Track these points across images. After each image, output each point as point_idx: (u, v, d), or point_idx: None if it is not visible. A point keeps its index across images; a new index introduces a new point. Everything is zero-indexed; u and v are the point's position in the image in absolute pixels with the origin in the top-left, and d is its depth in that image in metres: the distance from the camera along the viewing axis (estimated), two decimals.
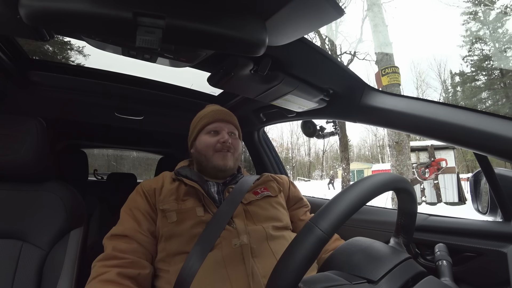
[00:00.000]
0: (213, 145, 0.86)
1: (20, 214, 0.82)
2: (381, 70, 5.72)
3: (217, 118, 0.90)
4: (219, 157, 0.86)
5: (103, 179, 2.64)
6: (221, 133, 0.88)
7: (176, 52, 0.64)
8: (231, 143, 0.87)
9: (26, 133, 0.82)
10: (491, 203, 0.78)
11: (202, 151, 0.88)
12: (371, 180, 0.46)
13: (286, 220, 0.85)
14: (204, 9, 0.45)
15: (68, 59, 4.16)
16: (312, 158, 43.20)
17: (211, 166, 0.86)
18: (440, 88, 26.26)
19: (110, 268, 0.64)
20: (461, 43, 19.84)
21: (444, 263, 0.55)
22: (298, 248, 0.39)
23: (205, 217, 0.75)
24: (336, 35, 14.00)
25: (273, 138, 41.17)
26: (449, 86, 24.04)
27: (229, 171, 0.89)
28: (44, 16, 0.40)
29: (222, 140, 0.86)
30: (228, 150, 0.87)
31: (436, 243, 0.63)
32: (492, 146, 0.61)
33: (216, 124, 0.90)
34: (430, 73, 35.39)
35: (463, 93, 20.18)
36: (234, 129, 0.93)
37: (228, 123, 0.92)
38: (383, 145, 37.61)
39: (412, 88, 33.31)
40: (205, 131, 0.90)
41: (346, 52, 13.11)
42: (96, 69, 1.10)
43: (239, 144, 0.92)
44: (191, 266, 0.65)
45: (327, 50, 12.17)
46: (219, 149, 0.86)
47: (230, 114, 0.94)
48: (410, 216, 0.56)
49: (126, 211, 0.78)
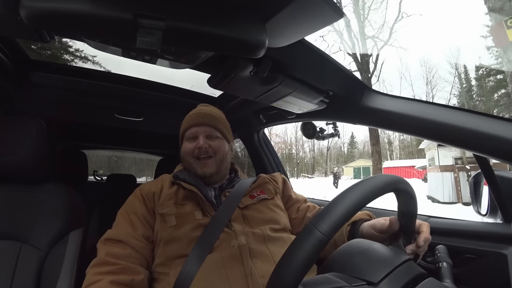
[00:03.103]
0: (191, 151, 0.85)
1: (19, 215, 0.82)
2: (506, 21, 4.13)
3: (193, 122, 0.88)
4: (198, 165, 0.85)
5: (103, 180, 2.64)
6: (198, 138, 0.86)
7: (176, 54, 0.64)
8: (210, 146, 0.85)
9: (26, 134, 0.82)
10: (491, 205, 0.78)
11: (184, 158, 0.88)
12: (371, 181, 0.46)
13: (284, 222, 0.85)
14: (204, 11, 0.46)
15: (69, 61, 4.18)
16: (315, 155, 43.17)
17: (194, 172, 0.86)
18: (454, 82, 25.54)
19: (102, 276, 0.64)
20: (485, 33, 18.72)
21: (445, 264, 0.55)
22: (298, 250, 0.39)
23: (204, 220, 0.75)
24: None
25: (277, 134, 41.09)
26: (470, 80, 23.13)
27: (214, 176, 0.87)
28: (44, 17, 0.40)
29: (197, 146, 0.84)
30: (206, 155, 0.85)
31: (437, 244, 0.62)
32: (492, 147, 0.61)
33: (193, 129, 0.87)
34: (445, 65, 34.78)
35: (480, 89, 19.12)
36: (213, 131, 0.89)
37: (204, 126, 0.88)
38: (389, 141, 37.33)
39: (421, 83, 33.08)
40: (185, 138, 0.89)
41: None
42: (97, 70, 1.11)
43: (221, 145, 0.88)
44: (190, 268, 0.65)
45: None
46: (196, 156, 0.85)
47: (208, 116, 0.89)
48: (410, 217, 0.56)
49: (122, 214, 0.78)
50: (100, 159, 3.54)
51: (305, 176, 35.82)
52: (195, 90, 1.31)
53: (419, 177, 21.45)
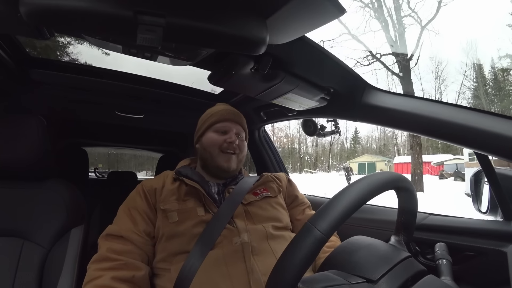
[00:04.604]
0: (220, 144, 0.87)
1: (21, 212, 0.82)
2: None
3: (227, 117, 0.91)
4: (223, 158, 0.86)
5: (104, 177, 2.65)
6: (229, 133, 0.89)
7: (177, 51, 0.64)
8: (237, 145, 0.88)
9: (26, 132, 0.82)
10: (492, 203, 0.78)
11: (207, 148, 0.88)
12: (371, 179, 0.46)
13: (286, 220, 0.86)
14: (205, 8, 0.45)
15: (69, 58, 4.17)
16: (317, 150, 43.01)
17: (215, 165, 0.86)
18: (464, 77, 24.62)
19: (104, 272, 0.64)
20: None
21: (444, 262, 0.55)
22: (297, 248, 0.39)
23: (206, 217, 0.75)
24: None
25: (280, 128, 40.94)
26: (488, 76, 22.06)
27: (231, 173, 0.89)
28: (44, 14, 0.40)
29: (229, 140, 0.86)
30: (233, 151, 0.87)
31: (436, 242, 0.63)
32: (493, 145, 0.61)
33: (225, 123, 0.90)
34: (458, 58, 33.27)
35: (496, 83, 17.97)
36: (242, 131, 0.93)
37: (237, 124, 0.92)
38: (394, 136, 36.67)
39: (430, 78, 31.91)
40: (213, 129, 0.90)
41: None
42: (97, 67, 1.10)
43: (245, 146, 0.93)
44: (192, 264, 0.66)
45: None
46: (224, 149, 0.86)
47: (240, 116, 0.94)
48: (411, 214, 0.57)
49: (124, 210, 0.78)
50: (100, 154, 3.55)
51: (308, 172, 35.78)
52: (196, 87, 1.31)
53: (433, 173, 20.82)
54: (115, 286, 0.62)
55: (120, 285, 0.63)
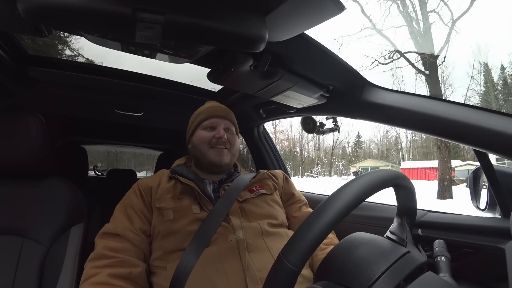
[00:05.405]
0: (209, 140, 0.87)
1: (21, 211, 0.82)
2: None
3: (213, 114, 0.91)
4: (214, 153, 0.86)
5: (103, 175, 2.65)
6: (217, 128, 0.89)
7: (176, 48, 0.64)
8: (227, 139, 0.88)
9: (26, 130, 0.82)
10: (490, 200, 0.79)
11: (198, 146, 0.89)
12: (368, 177, 0.46)
13: (281, 217, 0.86)
14: (204, 5, 0.45)
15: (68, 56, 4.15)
16: (318, 154, 42.95)
17: (207, 161, 0.87)
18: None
19: (101, 269, 0.65)
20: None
21: (443, 258, 0.56)
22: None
23: (201, 214, 0.76)
24: None
25: (282, 131, 40.86)
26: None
27: (225, 167, 0.89)
28: (42, 11, 0.40)
29: (217, 136, 0.87)
30: (223, 145, 0.87)
31: (435, 239, 0.63)
32: (492, 142, 0.61)
33: (213, 120, 0.90)
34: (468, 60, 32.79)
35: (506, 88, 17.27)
36: (231, 125, 0.93)
37: (224, 119, 0.92)
38: (399, 141, 36.36)
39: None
40: (201, 127, 0.91)
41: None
42: (96, 65, 1.10)
43: (236, 140, 0.93)
44: (187, 261, 0.66)
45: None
46: (214, 144, 0.87)
47: (227, 111, 0.95)
48: (410, 212, 0.57)
49: (120, 208, 0.79)
50: (99, 153, 3.55)
51: (309, 175, 35.80)
52: (195, 84, 1.31)
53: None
54: (112, 283, 0.63)
55: (117, 282, 0.63)
